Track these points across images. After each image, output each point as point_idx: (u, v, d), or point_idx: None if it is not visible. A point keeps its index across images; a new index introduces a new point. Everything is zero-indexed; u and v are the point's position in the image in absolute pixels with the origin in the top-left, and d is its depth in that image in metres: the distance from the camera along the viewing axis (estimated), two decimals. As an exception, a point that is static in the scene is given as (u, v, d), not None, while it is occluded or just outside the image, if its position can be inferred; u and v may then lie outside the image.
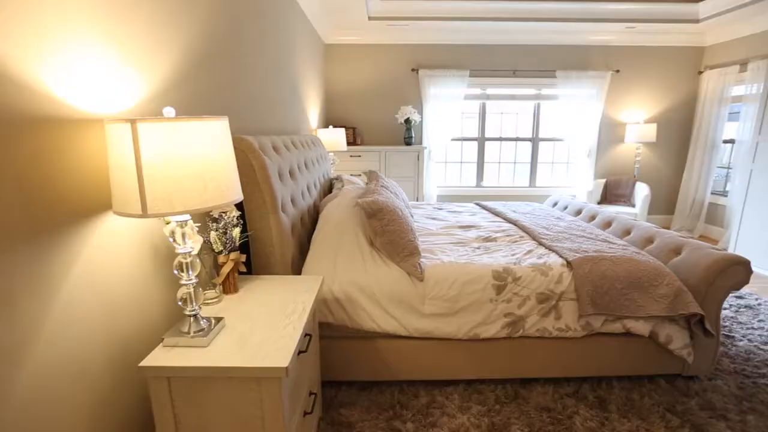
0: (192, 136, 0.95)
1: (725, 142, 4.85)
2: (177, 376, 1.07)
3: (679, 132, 5.29)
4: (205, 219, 1.51)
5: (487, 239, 2.47)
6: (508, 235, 2.53)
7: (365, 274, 1.90)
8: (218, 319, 1.24)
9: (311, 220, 2.44)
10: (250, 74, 2.22)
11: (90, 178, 1.01)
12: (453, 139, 5.31)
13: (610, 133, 5.27)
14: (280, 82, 2.82)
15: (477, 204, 3.60)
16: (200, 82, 1.60)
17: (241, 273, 1.68)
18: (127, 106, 1.14)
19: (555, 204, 3.61)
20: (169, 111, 0.99)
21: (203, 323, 1.19)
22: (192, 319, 1.16)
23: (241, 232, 1.61)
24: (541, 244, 2.34)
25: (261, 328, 1.25)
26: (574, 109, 5.07)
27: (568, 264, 2.00)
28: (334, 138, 3.97)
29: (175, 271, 1.12)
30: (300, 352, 1.27)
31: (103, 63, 1.04)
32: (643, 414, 1.84)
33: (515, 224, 2.77)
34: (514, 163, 5.50)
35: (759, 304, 2.97)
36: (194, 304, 1.16)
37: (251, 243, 1.80)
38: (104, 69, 1.04)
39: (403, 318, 1.88)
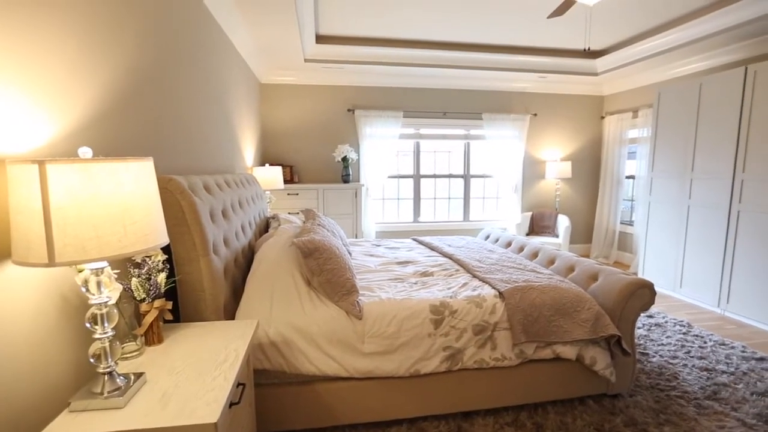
0: (111, 179, 0.89)
1: (627, 177, 5.49)
2: (86, 445, 0.95)
3: (590, 169, 5.90)
4: (126, 265, 1.40)
5: (424, 274, 2.52)
6: (444, 269, 2.61)
7: (303, 315, 1.85)
8: (138, 375, 1.13)
9: (246, 261, 2.35)
10: (182, 112, 2.16)
11: (-14, 225, 0.91)
12: (390, 177, 5.47)
13: (532, 169, 5.75)
14: (213, 121, 2.77)
15: (414, 239, 3.70)
16: (125, 120, 1.53)
17: (166, 321, 1.56)
18: (36, 146, 1.06)
19: (487, 237, 3.81)
20: (85, 151, 0.94)
21: (120, 381, 1.07)
22: (106, 377, 1.05)
23: (168, 276, 1.51)
24: (475, 276, 2.44)
25: (188, 382, 1.15)
26: (500, 148, 5.49)
27: (500, 295, 2.10)
28: (271, 176, 3.92)
29: (88, 324, 1.02)
30: (232, 404, 1.19)
31: (5, 98, 0.96)
32: (576, 436, 1.92)
33: (450, 258, 2.87)
34: (449, 198, 5.76)
35: (666, 322, 3.29)
36: (109, 360, 1.05)
37: (179, 288, 1.68)
38: (6, 104, 0.97)
39: (342, 358, 1.84)
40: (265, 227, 3.11)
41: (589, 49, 3.48)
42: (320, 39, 4.36)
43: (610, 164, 5.53)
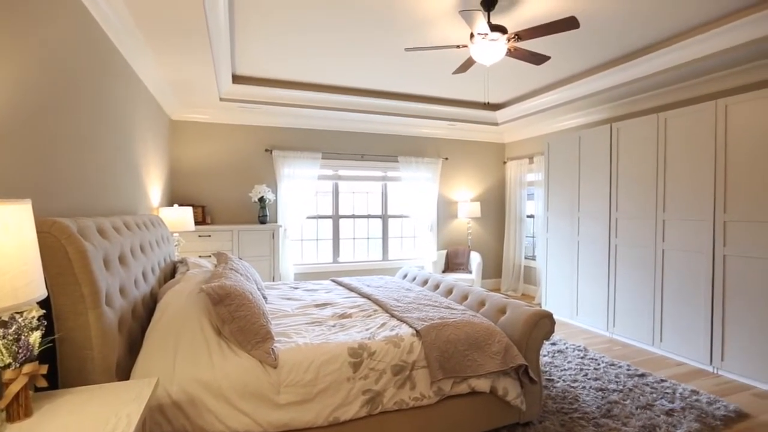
0: (-26, 225, 0.78)
1: (528, 216, 6.07)
2: None
3: (497, 209, 6.44)
4: (-11, 324, 1.19)
5: (342, 316, 2.49)
6: (362, 310, 2.60)
7: (211, 369, 1.71)
8: (-4, 459, 0.95)
9: (147, 311, 2.12)
10: (74, 147, 1.96)
11: None
12: (308, 217, 5.43)
13: (446, 210, 6.11)
14: (112, 157, 2.55)
15: (333, 281, 3.66)
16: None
17: (39, 389, 1.33)
18: None
19: (405, 276, 3.90)
20: (-59, 194, 0.81)
21: (-31, 469, 0.88)
22: (-50, 466, 0.86)
23: (46, 334, 1.31)
24: (393, 316, 2.46)
25: (63, 460, 0.99)
26: (415, 189, 5.77)
27: (417, 333, 2.14)
28: (180, 217, 3.67)
29: (-72, 402, 0.84)
30: (120, 482, 1.03)
31: None
32: (493, 469, 1.97)
33: (369, 298, 2.88)
34: (368, 238, 5.84)
35: (566, 348, 3.59)
36: (-44, 444, 0.86)
37: (59, 348, 1.46)
38: None
39: (255, 413, 1.71)
40: (171, 273, 2.86)
41: (488, 102, 3.89)
42: (237, 79, 4.32)
43: (513, 204, 6.09)
